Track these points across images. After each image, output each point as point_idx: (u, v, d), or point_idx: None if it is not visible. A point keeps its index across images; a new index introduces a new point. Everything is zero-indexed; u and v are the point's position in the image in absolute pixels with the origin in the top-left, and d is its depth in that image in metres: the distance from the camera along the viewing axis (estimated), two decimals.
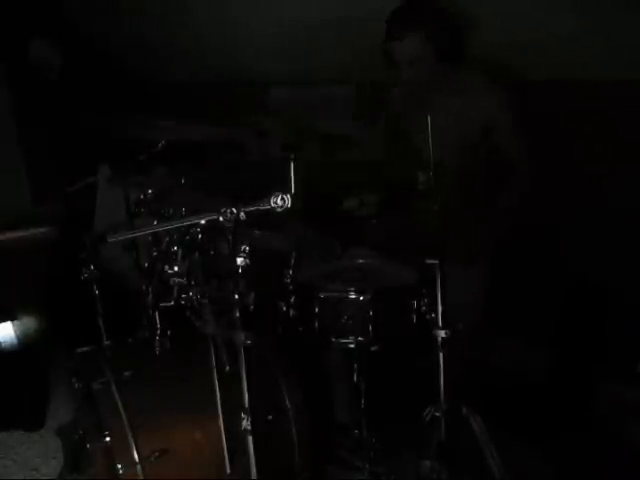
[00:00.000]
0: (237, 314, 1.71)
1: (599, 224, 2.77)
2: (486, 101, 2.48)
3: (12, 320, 2.94)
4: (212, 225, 1.73)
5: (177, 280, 1.99)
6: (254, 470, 1.74)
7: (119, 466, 1.83)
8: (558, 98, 2.81)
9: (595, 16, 2.52)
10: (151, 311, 2.13)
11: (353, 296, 2.00)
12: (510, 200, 2.51)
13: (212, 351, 1.93)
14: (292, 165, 1.91)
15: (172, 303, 2.02)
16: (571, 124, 2.78)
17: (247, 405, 1.72)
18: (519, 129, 2.51)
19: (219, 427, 1.91)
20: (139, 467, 1.84)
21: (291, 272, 2.08)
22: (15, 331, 2.94)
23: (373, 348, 2.03)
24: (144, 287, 2.11)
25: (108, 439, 1.86)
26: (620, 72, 2.63)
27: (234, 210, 1.66)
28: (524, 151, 2.51)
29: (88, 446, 1.95)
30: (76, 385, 2.04)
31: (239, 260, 1.71)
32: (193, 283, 1.98)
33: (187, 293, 1.99)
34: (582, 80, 2.75)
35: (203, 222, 1.73)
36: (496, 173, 2.59)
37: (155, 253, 2.09)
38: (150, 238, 2.10)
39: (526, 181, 2.52)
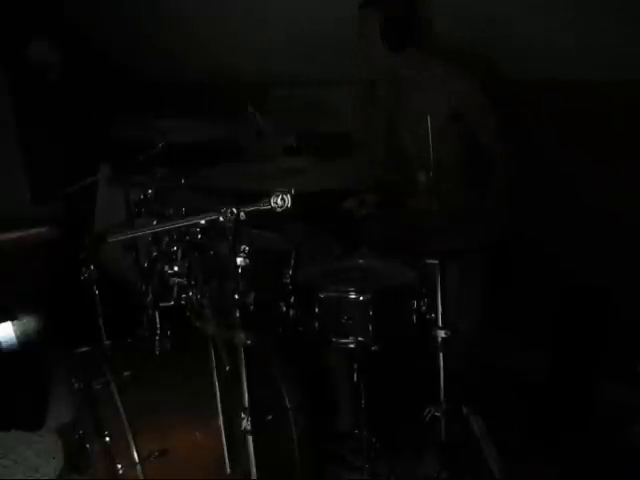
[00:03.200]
0: (237, 314, 1.71)
1: (599, 224, 2.77)
2: (455, 87, 2.50)
3: (12, 320, 2.95)
4: (212, 225, 1.73)
5: (177, 280, 1.99)
6: (254, 470, 1.74)
7: (119, 466, 1.83)
8: (556, 98, 2.80)
9: (590, 16, 2.52)
10: (151, 311, 2.13)
11: (353, 296, 1.99)
12: (496, 196, 2.52)
13: (212, 351, 1.93)
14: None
15: (172, 303, 2.02)
16: (568, 124, 2.78)
17: (247, 405, 1.72)
18: (492, 114, 2.51)
19: (219, 427, 1.91)
20: (139, 467, 1.84)
21: (291, 272, 2.08)
22: (15, 331, 2.94)
23: (373, 348, 2.02)
24: (144, 287, 2.11)
25: (108, 439, 1.86)
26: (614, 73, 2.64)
27: (234, 210, 1.65)
28: (499, 136, 2.51)
29: (88, 446, 1.95)
30: (76, 385, 2.04)
31: (239, 260, 1.71)
32: (193, 283, 1.98)
33: (187, 293, 1.98)
34: (575, 81, 2.75)
35: (203, 222, 1.74)
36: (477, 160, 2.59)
37: (155, 253, 2.09)
38: (150, 238, 2.09)
39: (508, 171, 2.51)
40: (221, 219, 1.66)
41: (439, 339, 2.00)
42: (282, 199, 1.62)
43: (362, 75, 2.96)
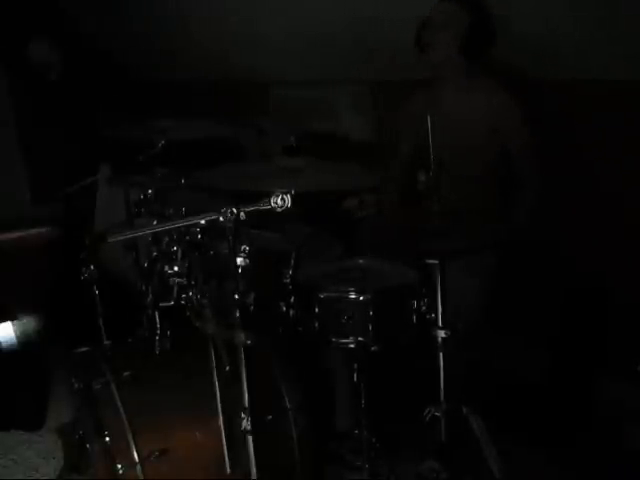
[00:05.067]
0: (237, 314, 1.71)
1: (600, 224, 2.77)
2: (492, 103, 2.50)
3: (12, 320, 2.94)
4: (212, 225, 1.73)
5: (177, 280, 1.99)
6: (254, 470, 1.74)
7: (119, 466, 1.83)
8: (560, 98, 2.81)
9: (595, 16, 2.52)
10: (151, 311, 2.13)
11: (353, 296, 1.99)
12: (523, 214, 2.53)
13: (212, 351, 1.93)
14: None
15: (172, 303, 2.02)
16: (571, 124, 2.78)
17: (247, 405, 1.72)
18: (526, 131, 2.51)
19: (219, 427, 1.91)
20: (139, 467, 1.84)
21: (291, 272, 2.08)
22: (15, 331, 2.94)
23: (373, 348, 2.02)
24: (144, 287, 2.11)
25: (108, 439, 1.86)
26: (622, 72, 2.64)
27: (234, 210, 1.66)
28: (533, 156, 2.52)
29: (88, 446, 1.95)
30: (76, 385, 2.04)
31: (239, 260, 1.71)
32: (193, 283, 1.98)
33: (187, 293, 1.99)
34: (583, 80, 2.75)
35: (203, 222, 1.74)
36: (506, 182, 2.60)
37: (155, 253, 2.09)
38: (150, 238, 2.09)
39: (539, 188, 2.52)
40: (221, 219, 1.67)
41: (439, 339, 2.00)
42: (282, 199, 1.62)
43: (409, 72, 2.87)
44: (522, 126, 2.52)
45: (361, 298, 1.99)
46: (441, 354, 2.00)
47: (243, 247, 1.72)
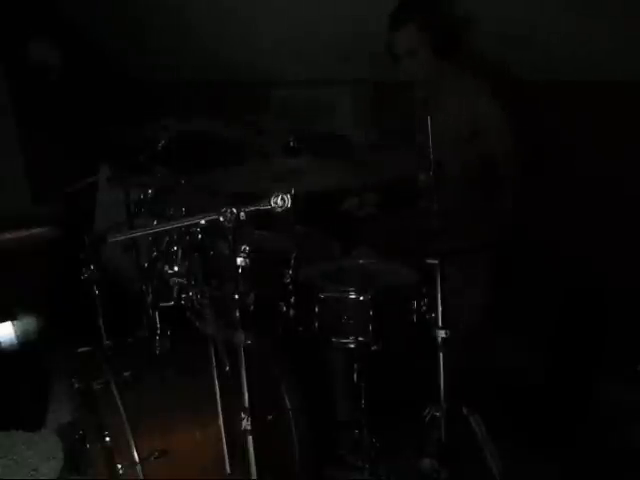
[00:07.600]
0: (237, 314, 1.71)
1: (599, 224, 2.77)
2: (475, 103, 2.50)
3: (12, 320, 2.95)
4: (212, 225, 1.73)
5: (177, 280, 1.99)
6: (254, 470, 1.74)
7: (119, 466, 1.83)
8: (558, 99, 2.81)
9: (595, 16, 2.52)
10: (151, 311, 2.13)
11: (353, 296, 2.00)
12: (501, 202, 2.52)
13: (212, 351, 1.93)
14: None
15: (172, 303, 2.02)
16: (569, 125, 2.78)
17: (247, 405, 1.72)
18: (508, 133, 2.50)
19: (219, 427, 1.91)
20: (139, 467, 1.84)
21: (291, 272, 2.08)
22: (15, 331, 2.95)
23: (373, 348, 2.03)
24: (144, 287, 2.11)
25: (108, 439, 1.86)
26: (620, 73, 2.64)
27: (234, 210, 1.65)
28: (513, 154, 2.51)
29: (88, 446, 1.95)
30: (76, 385, 2.04)
31: (239, 260, 1.71)
32: (193, 283, 1.98)
33: (187, 293, 1.98)
34: (581, 81, 2.75)
35: (203, 222, 1.73)
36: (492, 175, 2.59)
37: (155, 253, 2.09)
38: (150, 238, 2.09)
39: (518, 182, 2.52)
40: (221, 219, 1.67)
41: (439, 339, 2.00)
42: (282, 199, 1.61)
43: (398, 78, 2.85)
44: (506, 128, 2.51)
45: (361, 298, 1.99)
46: (441, 354, 2.00)
47: (243, 247, 1.72)
